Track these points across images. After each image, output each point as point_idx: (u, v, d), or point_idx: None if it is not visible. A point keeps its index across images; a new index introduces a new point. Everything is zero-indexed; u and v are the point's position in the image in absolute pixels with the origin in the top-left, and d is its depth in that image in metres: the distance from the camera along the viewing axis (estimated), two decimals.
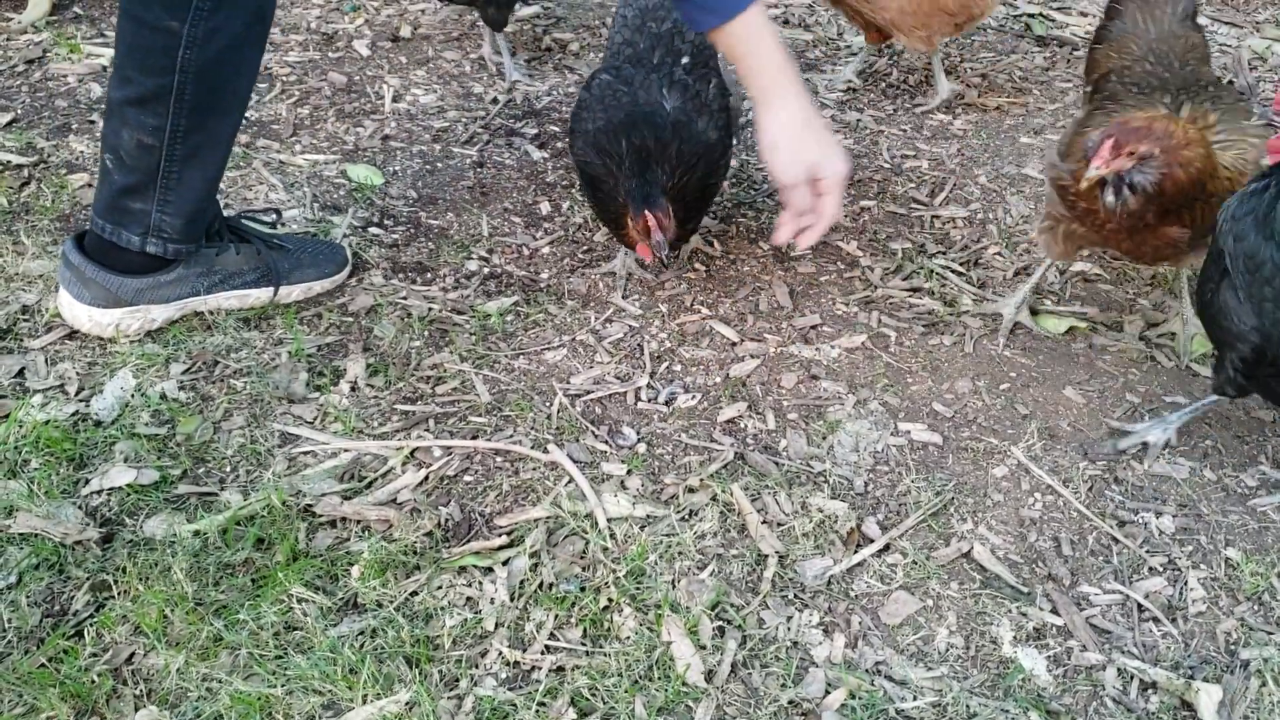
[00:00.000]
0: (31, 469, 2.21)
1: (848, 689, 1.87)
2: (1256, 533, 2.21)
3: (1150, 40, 2.65)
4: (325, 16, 4.12)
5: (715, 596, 2.02)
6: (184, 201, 2.43)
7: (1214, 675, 1.93)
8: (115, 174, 2.38)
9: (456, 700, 1.84)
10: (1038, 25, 4.30)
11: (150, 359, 2.49)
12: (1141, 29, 2.68)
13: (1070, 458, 2.36)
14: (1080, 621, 2.02)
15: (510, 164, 3.36)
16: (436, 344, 2.62)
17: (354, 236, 2.96)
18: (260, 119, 3.46)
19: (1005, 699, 1.88)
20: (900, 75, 3.96)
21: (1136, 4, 2.72)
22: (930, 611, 2.04)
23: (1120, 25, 2.73)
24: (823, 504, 2.22)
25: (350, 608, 2.00)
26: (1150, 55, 2.60)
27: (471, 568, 2.06)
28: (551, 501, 2.20)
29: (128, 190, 2.39)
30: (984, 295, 2.84)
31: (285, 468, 2.26)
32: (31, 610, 1.95)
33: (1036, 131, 3.62)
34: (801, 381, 2.56)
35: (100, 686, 1.83)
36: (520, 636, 1.95)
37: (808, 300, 2.83)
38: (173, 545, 2.06)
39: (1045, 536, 2.20)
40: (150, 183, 2.37)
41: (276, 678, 1.85)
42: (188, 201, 2.43)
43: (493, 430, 2.38)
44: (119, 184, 2.39)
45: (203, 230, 2.54)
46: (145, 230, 2.44)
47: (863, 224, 3.15)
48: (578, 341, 2.66)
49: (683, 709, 1.85)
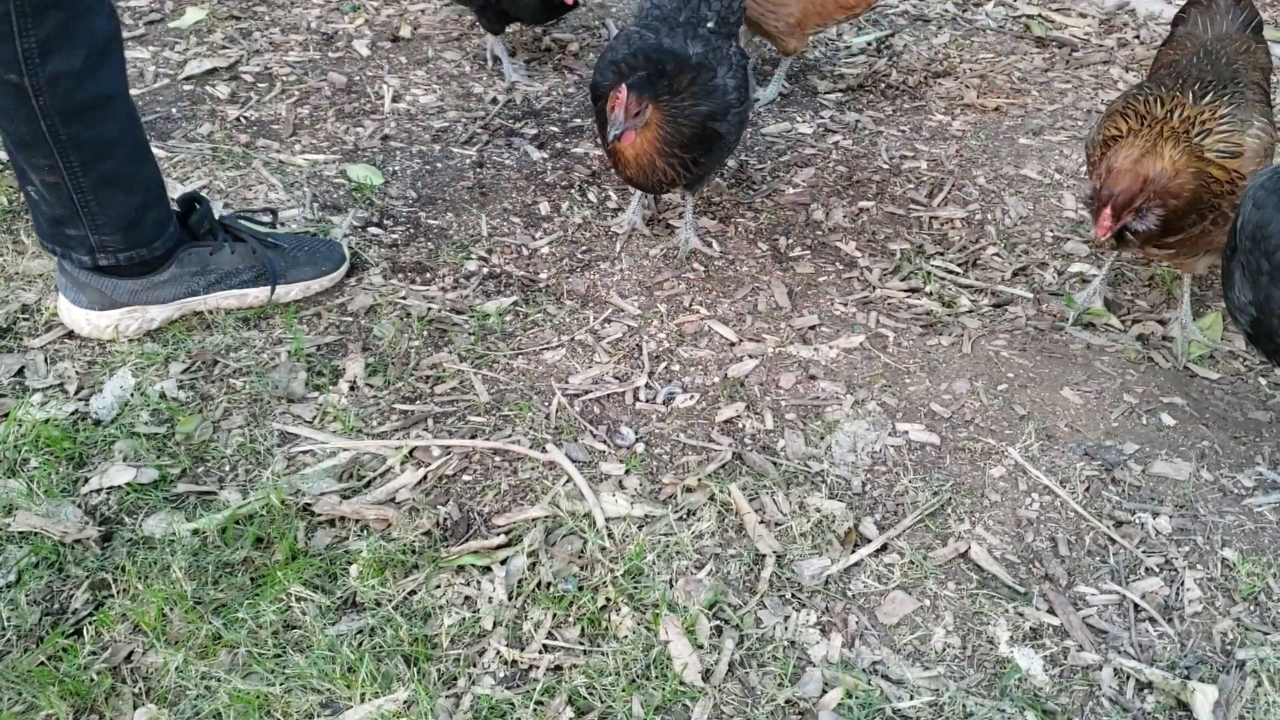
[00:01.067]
0: (31, 468, 2.21)
1: (844, 688, 1.88)
2: (1253, 533, 2.22)
3: (1205, 40, 2.78)
4: (325, 16, 4.12)
5: (713, 596, 2.02)
6: (115, 219, 2.39)
7: (1210, 675, 1.94)
8: (42, 206, 2.36)
9: (454, 699, 1.85)
10: (1037, 26, 4.31)
11: (150, 358, 2.50)
12: (1200, 30, 2.83)
13: (1068, 458, 2.37)
14: (1077, 621, 2.03)
15: (510, 164, 3.36)
16: (435, 344, 2.62)
17: (353, 236, 2.96)
18: (260, 119, 3.47)
19: (1001, 698, 1.89)
20: (900, 76, 3.97)
21: (1199, 9, 2.86)
22: (927, 611, 2.04)
23: (1183, 29, 2.89)
24: (820, 504, 2.22)
25: (349, 606, 2.00)
26: (1201, 51, 2.71)
27: (470, 567, 2.07)
28: (550, 501, 2.20)
29: (58, 220, 2.38)
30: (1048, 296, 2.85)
31: (284, 467, 2.26)
32: (31, 608, 1.96)
33: (1035, 132, 3.63)
34: (800, 382, 2.56)
35: (99, 685, 1.83)
36: (518, 635, 1.96)
37: (806, 300, 2.84)
38: (172, 544, 2.07)
39: (1042, 537, 2.20)
40: (74, 214, 2.35)
41: (275, 676, 1.85)
42: (119, 218, 2.39)
43: (491, 430, 2.39)
44: (48, 215, 2.38)
45: (155, 232, 2.48)
46: (90, 250, 2.42)
47: (861, 224, 3.15)
48: (576, 341, 2.66)
49: (680, 708, 1.85)
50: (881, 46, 4.18)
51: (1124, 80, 3.93)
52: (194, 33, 3.91)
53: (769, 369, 2.60)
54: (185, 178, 3.13)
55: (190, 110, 3.47)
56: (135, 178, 2.40)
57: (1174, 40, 2.91)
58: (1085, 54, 4.13)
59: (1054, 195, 3.30)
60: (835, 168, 3.42)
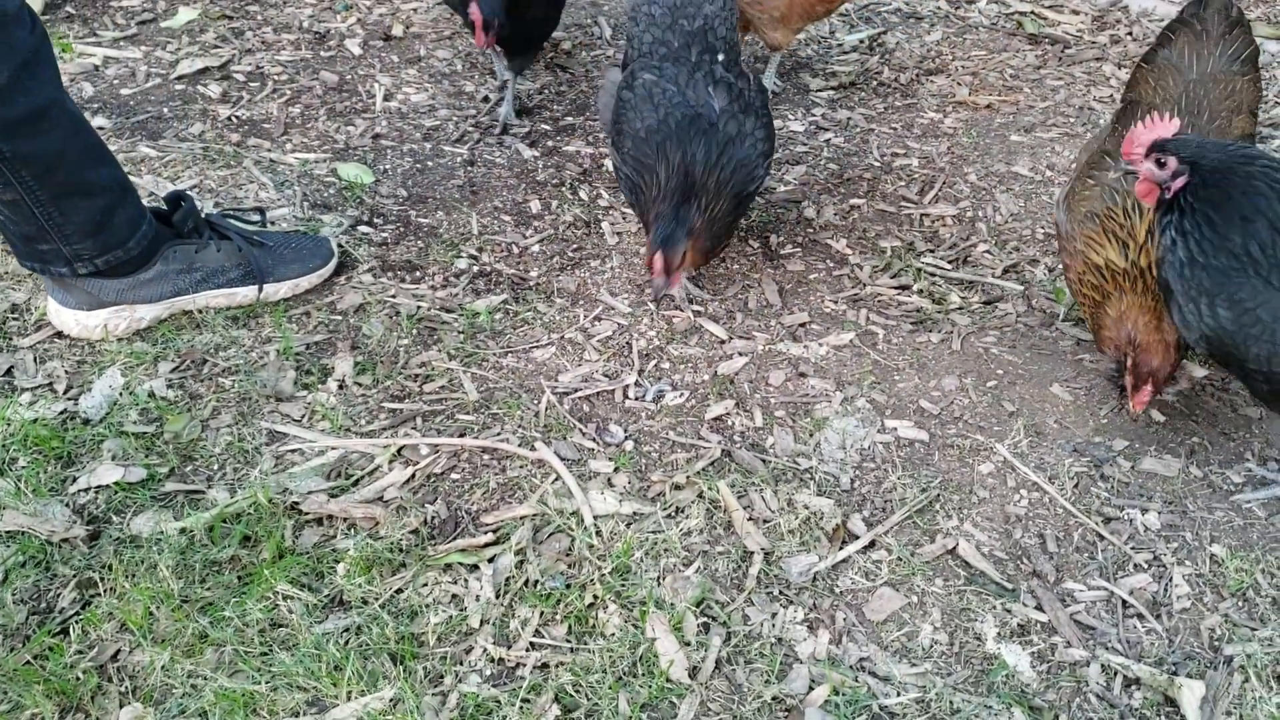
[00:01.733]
0: (19, 467, 2.21)
1: (831, 685, 1.88)
2: (1242, 529, 2.22)
3: (1189, 81, 2.53)
4: (317, 15, 4.12)
5: (700, 593, 2.02)
6: (82, 225, 2.37)
7: (1197, 671, 1.94)
8: (9, 226, 2.36)
9: (441, 697, 1.85)
10: (1029, 23, 4.30)
11: (139, 357, 2.49)
12: (1185, 64, 2.56)
13: (1056, 454, 2.37)
14: (1064, 618, 2.02)
15: (501, 162, 3.36)
16: (425, 342, 2.62)
17: (344, 235, 2.96)
18: (251, 118, 3.47)
19: (989, 695, 1.89)
20: (892, 73, 3.96)
21: (1187, 38, 2.60)
22: (915, 608, 2.04)
23: (1167, 53, 2.62)
24: (809, 501, 2.22)
25: (336, 605, 2.00)
26: (1184, 99, 2.49)
27: (457, 565, 2.07)
28: (538, 499, 2.20)
29: (29, 238, 2.37)
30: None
31: (272, 465, 2.26)
32: (18, 607, 1.96)
33: (1027, 130, 3.63)
34: (789, 379, 2.56)
35: (85, 683, 1.83)
36: (505, 633, 1.96)
37: (796, 298, 2.83)
38: (159, 543, 2.07)
39: (1030, 533, 2.20)
40: (41, 228, 2.33)
41: (261, 674, 1.85)
42: (85, 223, 2.38)
43: (480, 428, 2.39)
44: (17, 233, 2.37)
45: (127, 232, 2.46)
46: (66, 261, 2.41)
47: (852, 222, 3.15)
48: (566, 339, 2.66)
49: (667, 705, 1.85)
50: (873, 44, 4.17)
51: (1116, 77, 3.92)
52: (186, 32, 3.91)
53: (759, 366, 2.60)
54: (176, 177, 3.13)
55: (182, 110, 3.47)
56: (93, 180, 2.37)
57: (1156, 63, 2.62)
58: (1078, 51, 4.13)
59: (1045, 192, 3.30)
60: (826, 165, 3.42)
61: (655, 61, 2.69)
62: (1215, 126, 2.45)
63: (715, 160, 2.54)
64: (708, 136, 2.55)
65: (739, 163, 2.58)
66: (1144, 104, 2.55)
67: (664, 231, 2.49)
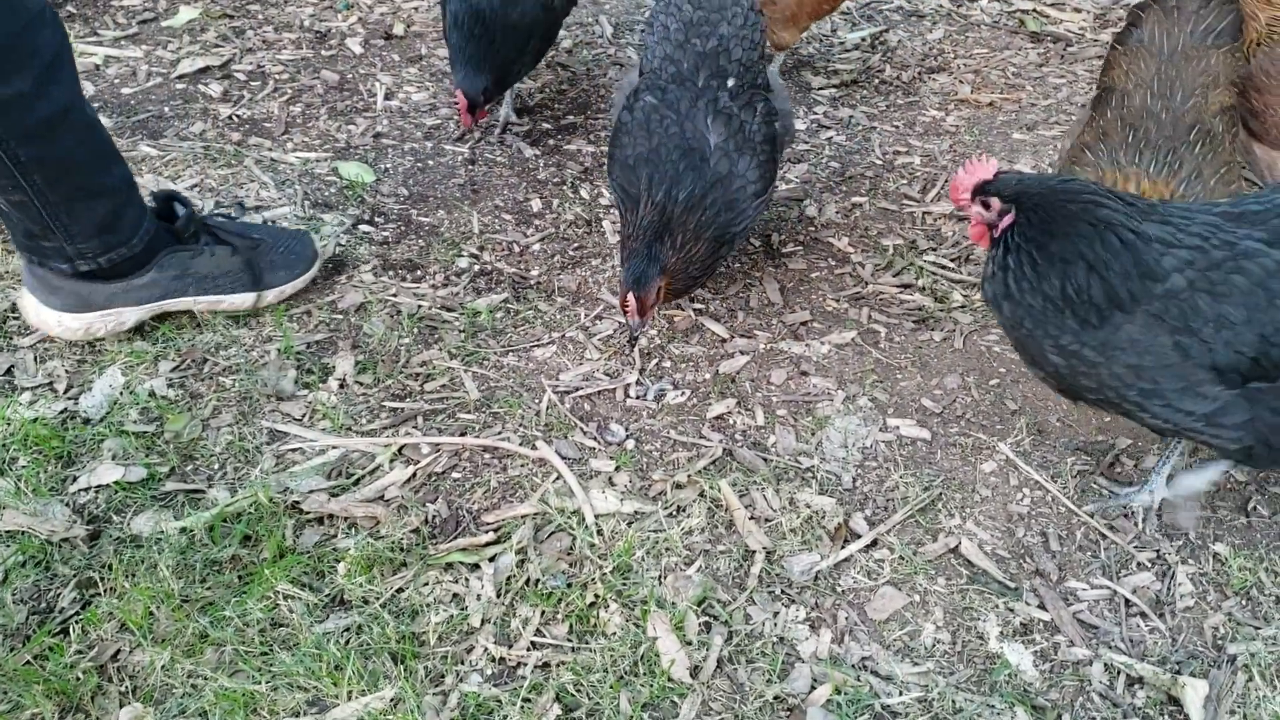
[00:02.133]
0: (19, 466, 2.21)
1: (833, 684, 1.87)
2: (1245, 528, 2.21)
3: (1161, 61, 2.50)
4: (318, 14, 4.11)
5: (702, 592, 2.01)
6: (90, 226, 2.36)
7: (1201, 670, 1.93)
8: (13, 219, 2.34)
9: (441, 696, 1.84)
10: (1031, 21, 4.29)
11: (139, 357, 2.49)
12: (1156, 44, 2.54)
13: (1059, 453, 2.36)
14: (1067, 617, 2.02)
15: (502, 161, 3.36)
16: (426, 341, 2.62)
17: (345, 234, 2.96)
18: (252, 116, 3.46)
19: (991, 694, 1.88)
20: (894, 71, 3.96)
21: (1156, 16, 2.57)
22: (917, 607, 2.04)
23: (1138, 34, 2.60)
24: (811, 500, 2.22)
25: (336, 604, 2.00)
26: (1155, 81, 2.46)
27: (458, 564, 2.06)
28: (539, 498, 2.20)
29: (32, 234, 2.35)
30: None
31: (273, 465, 2.26)
32: (18, 607, 1.96)
33: (1029, 128, 3.62)
34: (791, 378, 2.55)
35: (85, 683, 1.83)
36: (506, 633, 1.95)
37: (798, 296, 2.83)
38: (159, 542, 2.06)
39: (1033, 532, 2.19)
40: (47, 228, 2.32)
41: (262, 674, 1.85)
42: (93, 224, 2.37)
43: (481, 427, 2.38)
44: (21, 228, 2.35)
45: (131, 230, 2.45)
46: (68, 259, 2.40)
47: (854, 220, 3.14)
48: (567, 338, 2.66)
49: (668, 704, 1.85)
50: (876, 42, 4.16)
51: None
52: (187, 31, 3.90)
53: (760, 365, 2.59)
54: (177, 176, 3.13)
55: (183, 109, 3.47)
56: (104, 183, 2.36)
57: (1129, 47, 2.60)
58: (1080, 49, 4.12)
59: None
60: (828, 163, 3.41)
61: (661, 82, 2.60)
62: (1190, 105, 2.40)
63: (699, 199, 2.44)
64: (697, 173, 2.46)
65: (724, 204, 2.48)
66: (1117, 90, 2.53)
67: (636, 270, 2.39)
